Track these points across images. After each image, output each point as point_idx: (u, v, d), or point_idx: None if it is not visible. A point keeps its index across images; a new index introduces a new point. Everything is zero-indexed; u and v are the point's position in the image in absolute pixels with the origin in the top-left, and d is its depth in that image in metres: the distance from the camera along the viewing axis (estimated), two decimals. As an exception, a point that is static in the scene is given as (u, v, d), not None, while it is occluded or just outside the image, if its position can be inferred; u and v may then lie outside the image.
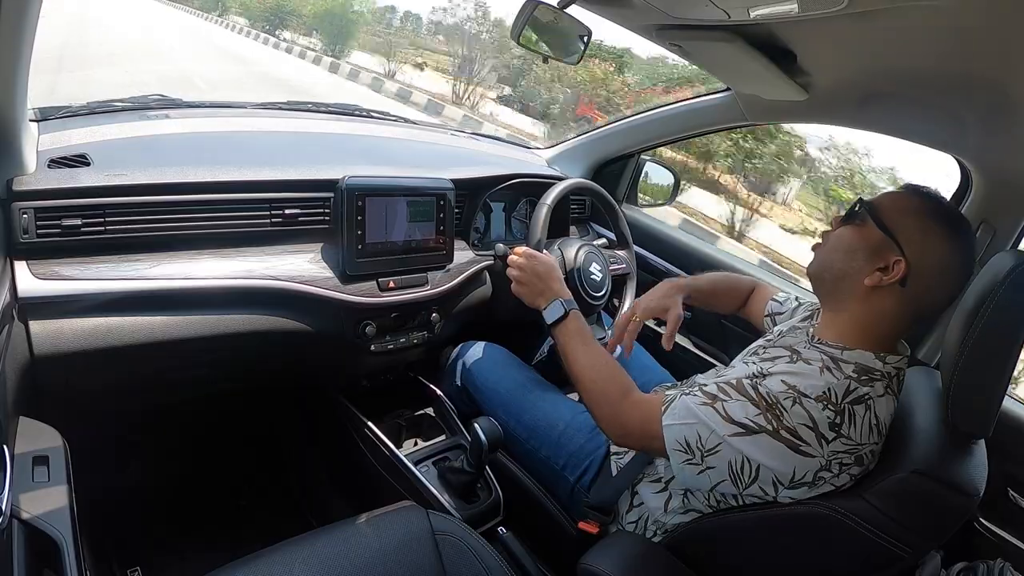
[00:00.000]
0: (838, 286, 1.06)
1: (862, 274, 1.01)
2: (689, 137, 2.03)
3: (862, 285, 1.00)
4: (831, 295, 1.08)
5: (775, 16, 0.97)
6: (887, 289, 0.99)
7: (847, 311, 1.04)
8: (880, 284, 0.99)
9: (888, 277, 0.98)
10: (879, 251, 1.00)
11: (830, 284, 1.08)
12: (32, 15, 0.78)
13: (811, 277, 1.12)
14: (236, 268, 1.19)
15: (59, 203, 1.02)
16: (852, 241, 1.04)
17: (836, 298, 1.07)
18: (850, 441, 0.94)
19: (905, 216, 1.00)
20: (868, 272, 1.00)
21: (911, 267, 0.97)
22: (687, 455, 1.01)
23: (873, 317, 1.02)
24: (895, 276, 0.97)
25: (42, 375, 1.03)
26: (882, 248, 1.00)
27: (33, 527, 0.82)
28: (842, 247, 1.06)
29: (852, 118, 1.45)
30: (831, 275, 1.07)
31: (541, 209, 1.49)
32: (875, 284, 0.99)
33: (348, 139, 1.73)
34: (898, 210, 1.01)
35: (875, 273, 0.99)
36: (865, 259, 1.01)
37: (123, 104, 1.42)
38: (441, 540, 1.07)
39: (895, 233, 0.99)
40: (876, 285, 0.99)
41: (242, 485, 1.77)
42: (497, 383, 1.51)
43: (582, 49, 1.47)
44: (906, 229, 0.99)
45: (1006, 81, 1.01)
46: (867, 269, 1.00)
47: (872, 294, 1.00)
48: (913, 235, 0.98)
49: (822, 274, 1.10)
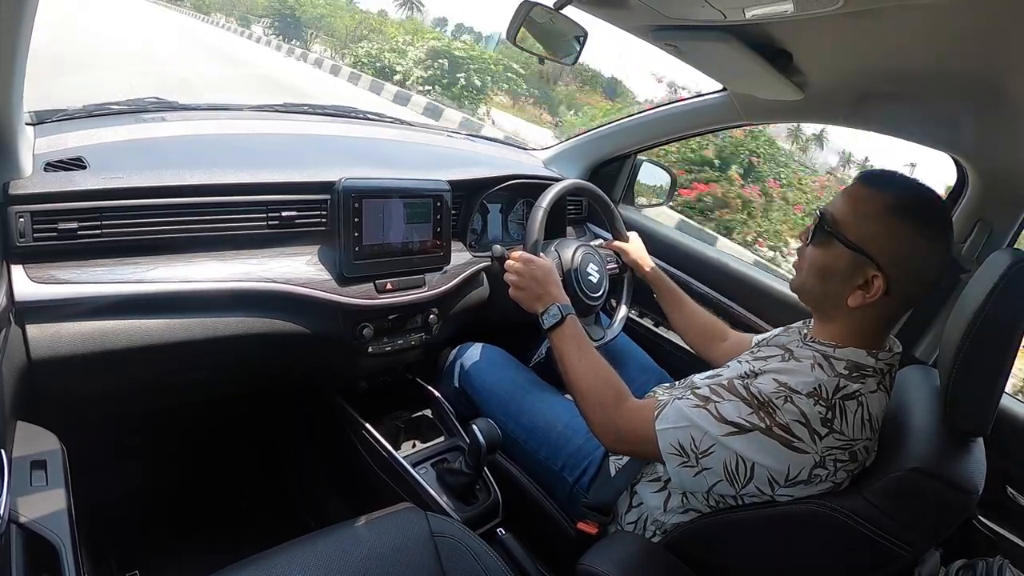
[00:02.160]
0: (822, 304, 1.06)
1: (843, 295, 1.00)
2: (685, 137, 2.03)
3: (846, 304, 1.00)
4: (818, 310, 1.09)
5: (770, 16, 0.97)
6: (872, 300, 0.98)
7: (836, 321, 1.04)
8: (864, 303, 0.98)
9: (870, 295, 0.97)
10: (854, 270, 0.98)
11: (814, 303, 1.08)
12: (28, 18, 0.78)
13: (796, 294, 1.12)
14: (233, 271, 1.19)
15: (55, 206, 1.02)
16: (824, 264, 1.02)
17: (823, 312, 1.07)
18: (843, 436, 0.94)
19: (868, 223, 0.97)
20: (848, 292, 0.99)
21: (889, 276, 0.96)
22: (682, 458, 1.02)
23: (863, 323, 1.02)
24: (877, 293, 0.96)
25: (39, 379, 1.02)
26: (856, 266, 0.98)
27: (31, 531, 0.81)
28: (815, 271, 1.04)
29: (848, 117, 1.46)
30: (812, 297, 1.07)
31: (537, 211, 1.49)
32: (859, 304, 0.98)
33: (345, 141, 1.72)
34: (859, 217, 0.98)
35: (856, 292, 0.98)
36: (842, 280, 1.00)
37: (119, 107, 1.42)
38: (440, 542, 1.07)
39: (864, 247, 0.97)
40: (860, 304, 0.98)
41: (240, 487, 1.77)
42: (495, 384, 1.52)
43: (578, 50, 1.48)
44: (874, 239, 0.96)
45: (1002, 80, 1.01)
46: (846, 290, 0.99)
47: (858, 307, 0.99)
48: (882, 243, 0.96)
49: (804, 295, 1.10)
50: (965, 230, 1.43)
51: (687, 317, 1.60)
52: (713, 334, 1.55)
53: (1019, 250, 0.94)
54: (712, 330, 1.56)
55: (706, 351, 1.53)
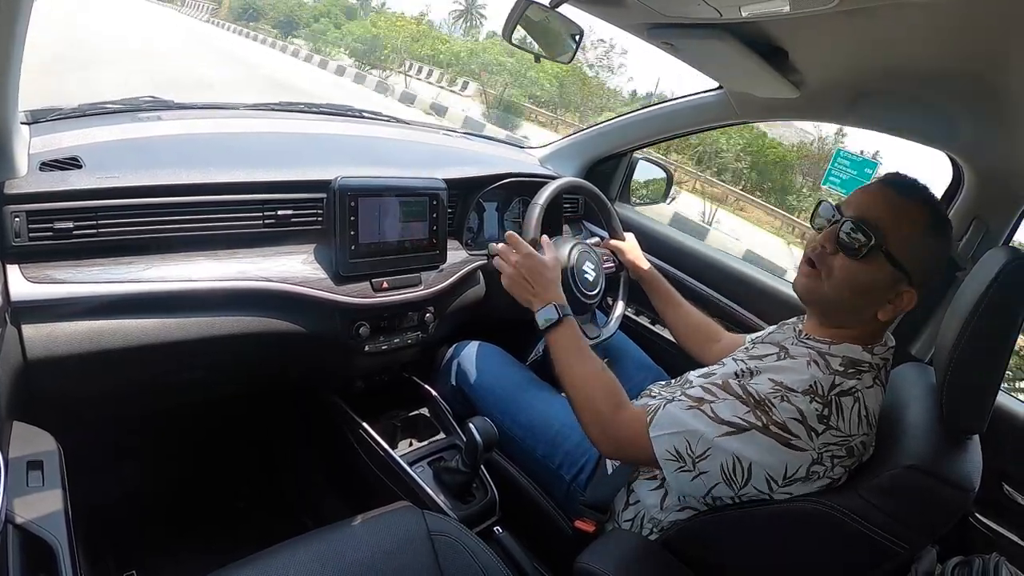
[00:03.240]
0: (845, 316, 1.04)
1: (873, 308, 1.00)
2: (681, 135, 2.03)
3: (875, 317, 1.00)
4: (831, 317, 1.06)
5: (767, 14, 0.97)
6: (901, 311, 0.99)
7: (847, 327, 1.04)
8: (894, 317, 0.99)
9: (902, 309, 0.98)
10: (891, 286, 0.98)
11: (834, 315, 1.06)
12: (23, 16, 0.77)
13: (806, 301, 1.09)
14: (229, 270, 1.19)
15: (51, 206, 1.02)
16: (865, 280, 0.99)
17: (836, 320, 1.06)
18: (840, 433, 0.94)
19: (912, 236, 0.96)
20: (881, 306, 0.99)
21: (918, 289, 0.97)
22: (679, 463, 1.02)
23: (869, 328, 1.03)
24: (908, 307, 0.98)
25: (36, 379, 1.02)
26: (894, 281, 0.98)
27: (28, 532, 0.81)
28: (852, 285, 1.00)
29: (844, 115, 1.46)
30: (838, 309, 1.04)
31: (534, 208, 1.49)
32: (890, 318, 0.99)
33: (340, 139, 1.72)
34: (903, 231, 0.96)
35: (887, 307, 0.99)
36: (878, 296, 0.99)
37: (115, 106, 1.41)
38: (437, 540, 1.07)
39: (907, 266, 0.96)
40: (891, 318, 0.99)
41: (238, 488, 1.77)
42: (492, 382, 1.51)
43: (574, 48, 1.48)
44: (916, 260, 0.96)
45: (997, 78, 1.02)
46: (879, 304, 0.99)
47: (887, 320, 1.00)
48: (918, 257, 0.96)
49: (824, 305, 1.06)
50: (961, 228, 1.43)
51: (682, 318, 1.60)
52: (707, 335, 1.55)
53: (1015, 248, 0.95)
54: (706, 331, 1.56)
55: (700, 352, 1.52)
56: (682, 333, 1.60)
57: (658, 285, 1.66)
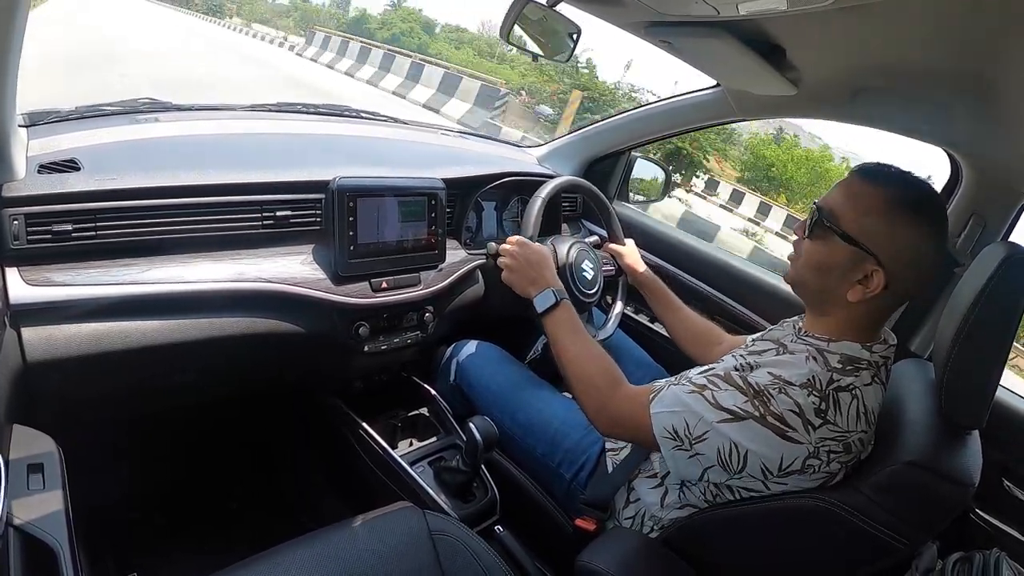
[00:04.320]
0: (820, 298, 1.05)
1: (842, 289, 1.00)
2: (679, 133, 2.03)
3: (845, 298, 1.00)
4: (814, 304, 1.08)
5: (764, 12, 0.97)
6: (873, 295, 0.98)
7: (832, 315, 1.04)
8: (865, 297, 0.98)
9: (871, 290, 0.97)
10: (853, 265, 0.98)
11: (810, 297, 1.08)
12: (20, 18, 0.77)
13: (791, 286, 1.12)
14: (228, 271, 1.18)
15: (49, 208, 1.01)
16: (822, 259, 1.02)
17: (820, 307, 1.07)
18: (837, 428, 0.94)
19: (867, 217, 0.97)
20: (848, 286, 0.99)
21: (889, 270, 0.96)
22: (675, 442, 1.02)
23: (859, 317, 1.02)
24: (877, 288, 0.96)
25: (35, 382, 1.02)
26: (855, 261, 0.98)
27: (29, 535, 0.81)
28: (813, 265, 1.04)
29: (842, 112, 1.46)
30: (809, 290, 1.07)
31: (535, 203, 1.49)
32: (860, 299, 0.98)
33: (338, 140, 1.72)
34: (858, 212, 0.98)
35: (856, 287, 0.98)
36: (840, 276, 1.00)
37: (112, 108, 1.41)
38: (438, 540, 1.07)
39: (863, 242, 0.96)
40: (861, 299, 0.98)
41: (238, 488, 1.77)
42: (491, 381, 1.52)
43: (571, 47, 1.47)
44: (873, 234, 0.96)
45: (994, 74, 1.01)
46: (846, 284, 0.99)
47: (859, 302, 1.00)
48: (882, 239, 0.96)
49: (800, 288, 1.10)
50: (959, 224, 1.44)
51: (681, 322, 1.61)
52: (708, 339, 1.55)
53: (1013, 244, 0.95)
54: (707, 335, 1.56)
55: (701, 356, 1.51)
56: (682, 337, 1.60)
57: (657, 289, 1.67)
